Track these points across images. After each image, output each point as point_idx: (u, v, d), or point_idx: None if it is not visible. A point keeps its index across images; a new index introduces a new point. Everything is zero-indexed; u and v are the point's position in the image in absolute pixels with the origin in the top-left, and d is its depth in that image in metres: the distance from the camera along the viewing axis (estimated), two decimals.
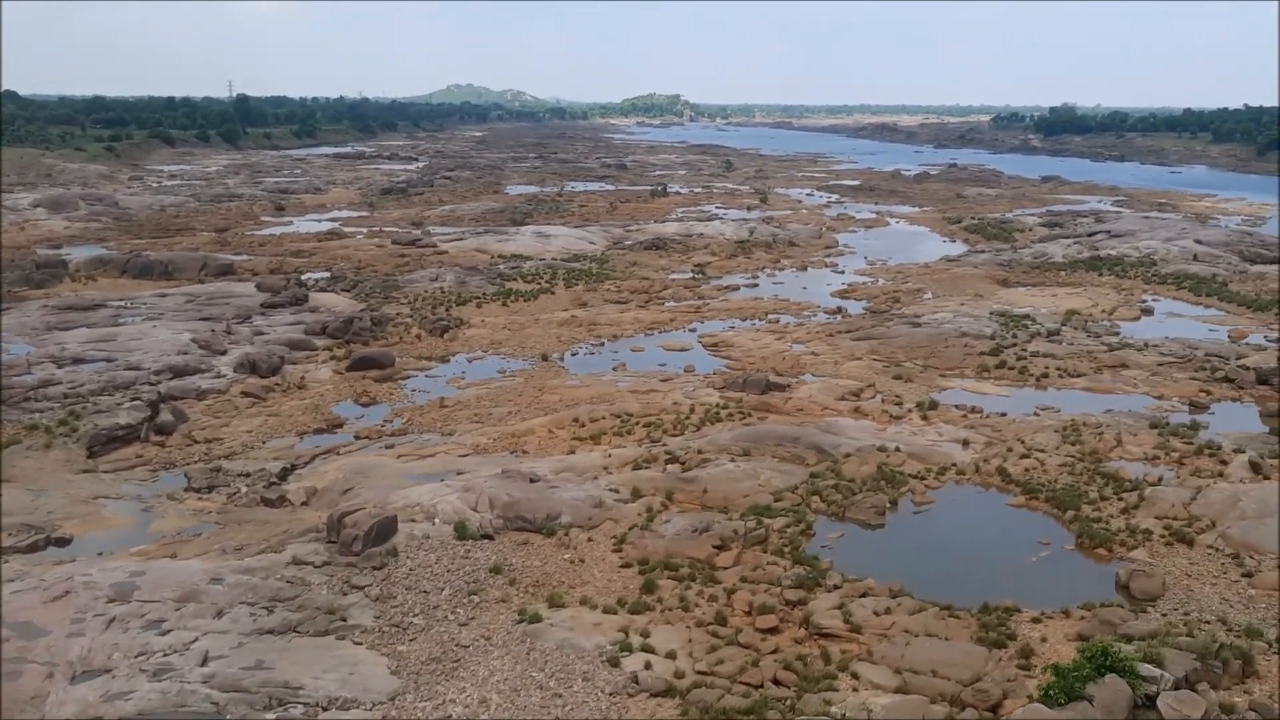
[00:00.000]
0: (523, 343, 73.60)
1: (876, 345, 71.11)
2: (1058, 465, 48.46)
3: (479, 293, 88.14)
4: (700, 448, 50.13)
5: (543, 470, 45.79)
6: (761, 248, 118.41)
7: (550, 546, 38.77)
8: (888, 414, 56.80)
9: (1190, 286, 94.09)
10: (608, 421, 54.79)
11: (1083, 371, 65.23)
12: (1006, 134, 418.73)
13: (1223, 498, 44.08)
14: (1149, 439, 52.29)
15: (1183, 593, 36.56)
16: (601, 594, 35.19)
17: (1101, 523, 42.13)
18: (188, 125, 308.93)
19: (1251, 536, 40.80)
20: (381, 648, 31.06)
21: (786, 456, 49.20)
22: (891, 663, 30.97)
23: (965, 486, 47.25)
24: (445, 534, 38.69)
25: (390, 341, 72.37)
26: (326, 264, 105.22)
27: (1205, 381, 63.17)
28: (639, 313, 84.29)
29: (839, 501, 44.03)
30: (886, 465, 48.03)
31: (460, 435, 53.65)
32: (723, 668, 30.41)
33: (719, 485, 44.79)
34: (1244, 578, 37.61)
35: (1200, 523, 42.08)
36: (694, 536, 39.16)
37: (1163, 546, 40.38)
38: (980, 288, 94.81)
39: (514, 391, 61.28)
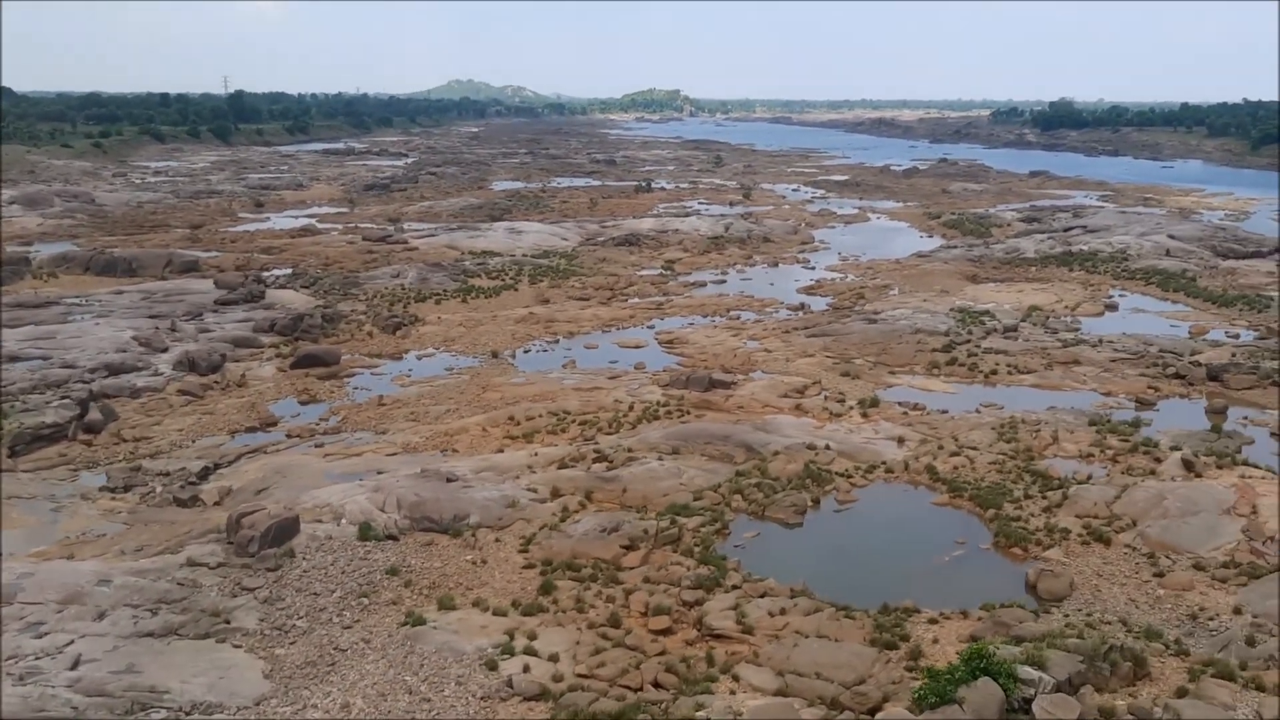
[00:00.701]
0: (476, 340, 73.10)
1: (830, 342, 70.57)
2: (988, 463, 47.96)
3: (440, 289, 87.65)
4: (630, 446, 49.66)
5: (463, 470, 45.32)
6: (735, 244, 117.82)
7: (455, 547, 38.31)
8: (828, 411, 56.29)
9: (1159, 282, 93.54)
10: (543, 420, 54.30)
11: (1033, 368, 64.66)
12: (1003, 129, 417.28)
13: (1148, 496, 43.57)
14: (1086, 437, 51.77)
15: (1090, 593, 36.07)
16: (498, 596, 34.72)
17: (1021, 522, 41.62)
18: (180, 122, 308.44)
19: (1170, 536, 40.30)
20: (260, 651, 30.61)
21: (715, 455, 48.71)
22: (776, 665, 30.48)
23: (892, 485, 46.76)
24: (349, 535, 38.24)
25: (341, 339, 71.94)
26: (294, 261, 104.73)
27: (1155, 378, 62.60)
28: (600, 310, 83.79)
29: (760, 500, 43.55)
30: (814, 464, 47.53)
31: (393, 434, 53.18)
32: (604, 670, 29.94)
33: (640, 484, 44.30)
34: (1155, 577, 37.10)
35: (1121, 521, 41.58)
36: (602, 537, 38.68)
37: (1079, 546, 39.88)
38: (948, 284, 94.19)
39: (456, 390, 60.80)
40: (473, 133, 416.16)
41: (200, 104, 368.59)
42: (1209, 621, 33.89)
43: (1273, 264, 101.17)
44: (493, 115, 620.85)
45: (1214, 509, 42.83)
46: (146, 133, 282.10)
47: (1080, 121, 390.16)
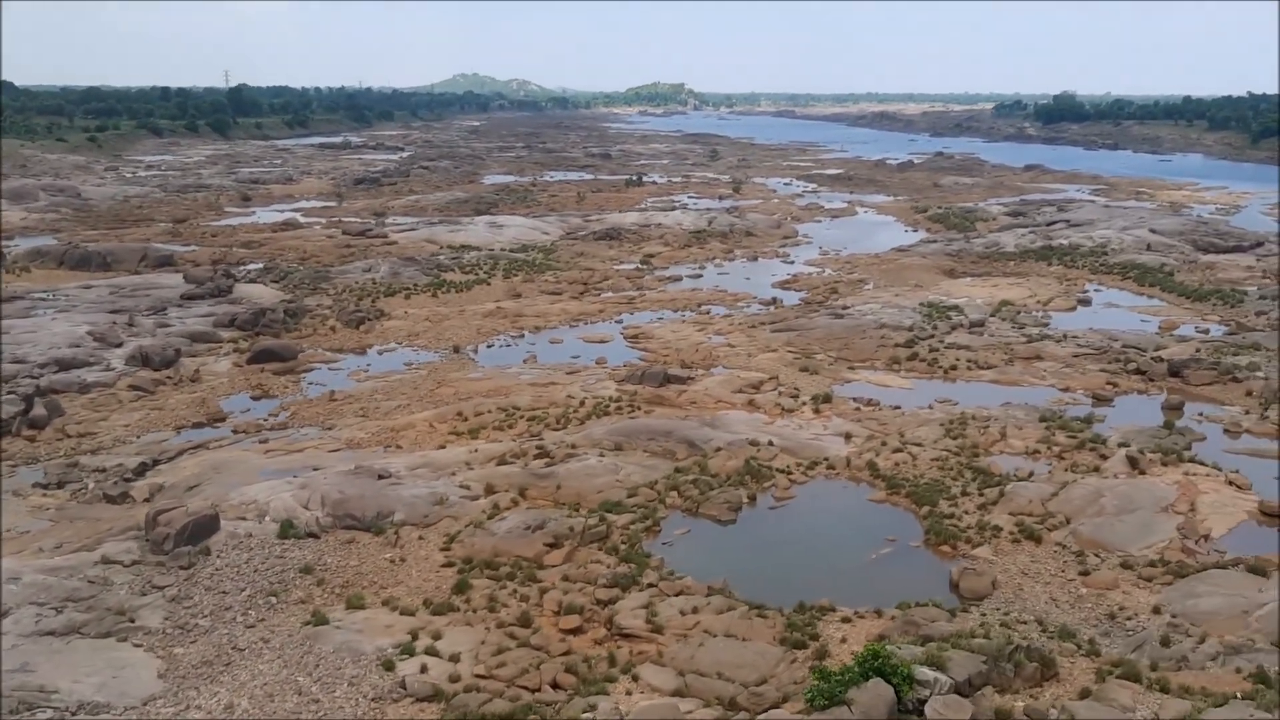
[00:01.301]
0: (441, 335, 72.84)
1: (794, 337, 70.21)
2: (930, 460, 47.61)
3: (410, 284, 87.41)
4: (574, 442, 49.40)
5: (398, 466, 45.07)
6: (717, 238, 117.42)
7: (375, 545, 38.05)
8: (779, 407, 55.97)
9: (1136, 276, 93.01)
10: (491, 415, 54.04)
11: (993, 364, 64.27)
12: (1004, 122, 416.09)
13: (1085, 493, 43.21)
14: (1035, 433, 51.39)
15: (1012, 591, 35.71)
16: (411, 595, 34.45)
17: (953, 519, 41.29)
18: (179, 116, 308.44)
19: (1102, 534, 39.94)
20: (159, 650, 30.37)
21: (657, 451, 48.41)
22: (679, 665, 30.16)
23: (833, 481, 46.48)
24: (269, 532, 38.01)
25: (304, 334, 71.72)
26: (272, 255, 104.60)
27: (1116, 374, 62.17)
28: (571, 304, 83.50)
29: (695, 497, 43.26)
30: (755, 460, 47.21)
31: (340, 430, 52.93)
32: (503, 671, 29.65)
33: (575, 481, 44.01)
34: (1080, 576, 36.76)
35: (1054, 519, 41.23)
36: (526, 534, 38.39)
37: (1009, 543, 39.53)
38: (924, 278, 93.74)
39: (411, 385, 60.55)
40: (473, 127, 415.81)
41: (200, 98, 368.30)
42: (1127, 621, 33.55)
43: (1253, 258, 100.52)
44: (495, 109, 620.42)
45: (1152, 507, 42.46)
46: (144, 127, 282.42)
47: (1082, 115, 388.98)
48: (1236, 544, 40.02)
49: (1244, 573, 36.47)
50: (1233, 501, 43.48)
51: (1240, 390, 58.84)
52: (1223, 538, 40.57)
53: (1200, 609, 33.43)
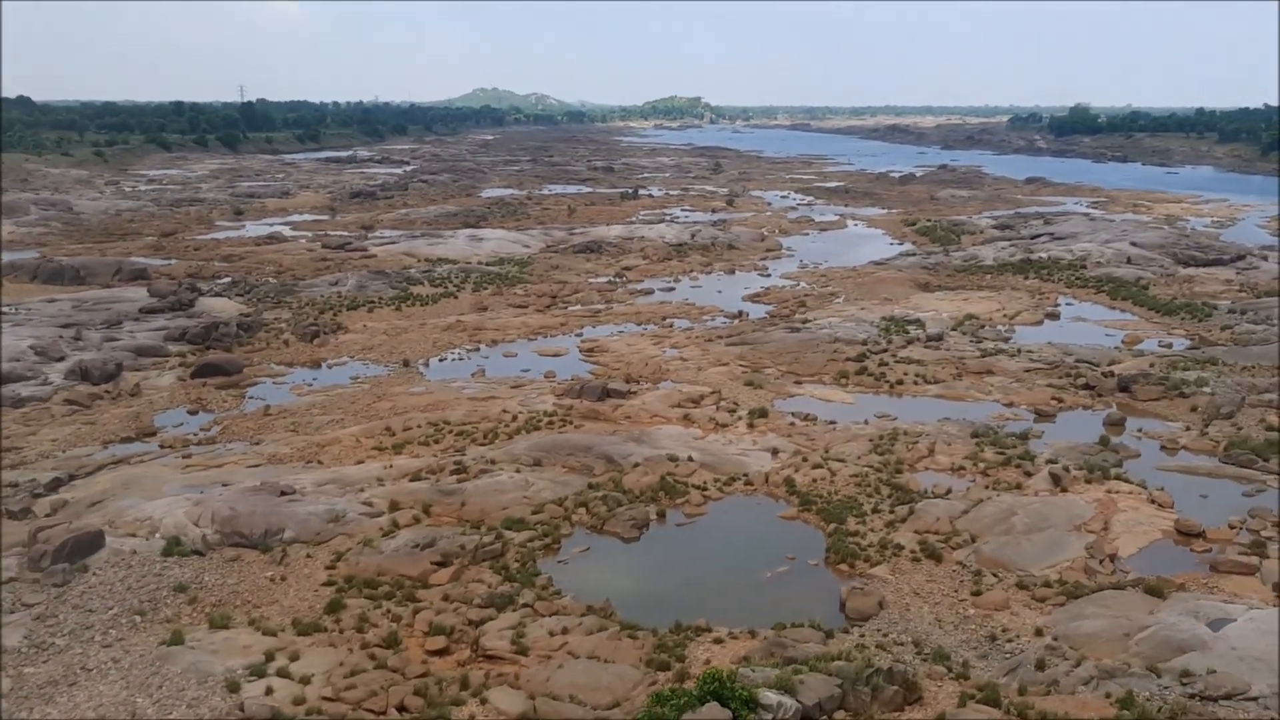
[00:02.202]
0: (396, 348, 72.56)
1: (746, 351, 69.64)
2: (850, 476, 46.95)
3: (376, 297, 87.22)
4: (494, 458, 48.98)
5: (306, 482, 44.72)
6: (698, 251, 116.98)
7: (260, 564, 37.66)
8: (715, 422, 55.40)
9: (1109, 290, 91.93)
10: (419, 431, 53.66)
11: (942, 378, 63.55)
12: (1017, 135, 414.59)
13: (997, 511, 42.49)
14: (964, 449, 50.71)
15: (899, 612, 35.04)
16: (283, 614, 34.03)
17: (857, 537, 40.66)
18: (190, 130, 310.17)
19: (1005, 553, 39.24)
20: (10, 670, 30.00)
21: (575, 467, 47.93)
22: (534, 687, 29.62)
23: (749, 498, 45.96)
24: (155, 549, 37.67)
25: (257, 347, 71.55)
26: (250, 268, 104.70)
27: (1064, 389, 61.34)
28: (534, 317, 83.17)
29: (602, 514, 42.73)
30: (672, 476, 46.68)
31: (267, 445, 52.60)
32: (351, 693, 29.15)
33: (481, 498, 43.55)
34: (972, 596, 36.06)
35: (960, 538, 40.54)
36: (413, 553, 37.92)
37: (909, 562, 38.85)
38: (896, 291, 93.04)
39: (350, 399, 60.24)
40: (485, 141, 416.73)
41: (211, 112, 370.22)
42: (1007, 643, 32.87)
43: (1232, 272, 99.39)
44: (510, 123, 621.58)
45: (1064, 525, 41.75)
46: (153, 141, 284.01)
47: (1094, 127, 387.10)
48: (1145, 563, 39.31)
49: (1140, 594, 35.70)
50: (1150, 520, 42.71)
51: (1186, 406, 57.96)
52: (1131, 557, 39.82)
53: (1083, 631, 32.68)
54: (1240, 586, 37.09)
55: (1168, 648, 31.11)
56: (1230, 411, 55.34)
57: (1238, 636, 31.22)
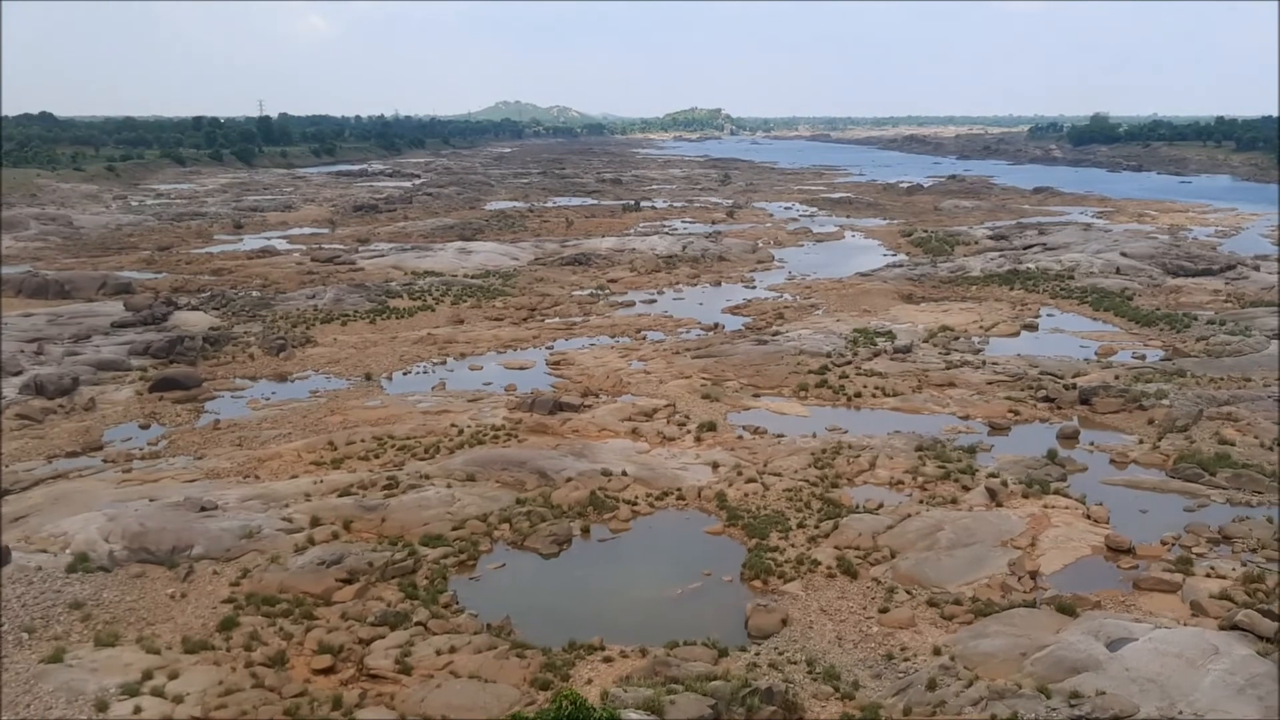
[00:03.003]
0: (362, 362, 72.37)
1: (711, 363, 69.12)
2: (783, 490, 46.43)
3: (352, 310, 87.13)
4: (430, 472, 48.69)
5: (232, 498, 44.47)
6: (688, 263, 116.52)
7: (165, 580, 37.44)
8: (662, 435, 54.89)
9: (1092, 301, 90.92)
10: (362, 445, 53.38)
11: (901, 391, 62.86)
12: (1034, 144, 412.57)
13: (924, 526, 41.85)
14: (905, 463, 50.01)
15: (801, 630, 34.50)
16: (176, 631, 33.74)
17: (777, 552, 40.09)
18: (207, 144, 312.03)
19: (923, 569, 38.58)
20: None
21: (508, 481, 47.55)
22: (409, 707, 29.24)
23: (680, 512, 45.55)
24: (62, 565, 37.40)
25: (223, 361, 71.49)
26: (237, 282, 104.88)
27: (1023, 401, 60.54)
28: (509, 330, 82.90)
29: (524, 530, 42.30)
30: (604, 491, 46.21)
31: (209, 459, 52.43)
32: (222, 713, 28.88)
33: (403, 513, 43.22)
34: (879, 613, 35.38)
35: (880, 553, 39.95)
36: (319, 570, 37.58)
37: (824, 578, 38.29)
38: (877, 303, 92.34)
39: (302, 413, 60.06)
40: (501, 153, 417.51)
41: (229, 127, 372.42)
42: (904, 662, 32.22)
43: (1221, 282, 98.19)
44: (530, 136, 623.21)
45: (991, 541, 41.08)
46: (168, 156, 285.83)
47: (1112, 136, 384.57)
48: (1068, 580, 38.63)
49: (1052, 612, 35.04)
50: (1081, 536, 41.99)
51: (1144, 419, 57.11)
52: (1054, 574, 39.12)
53: (980, 650, 32.03)
54: (1159, 604, 36.36)
55: (1061, 668, 30.42)
56: (1185, 425, 54.46)
57: (1134, 657, 30.51)
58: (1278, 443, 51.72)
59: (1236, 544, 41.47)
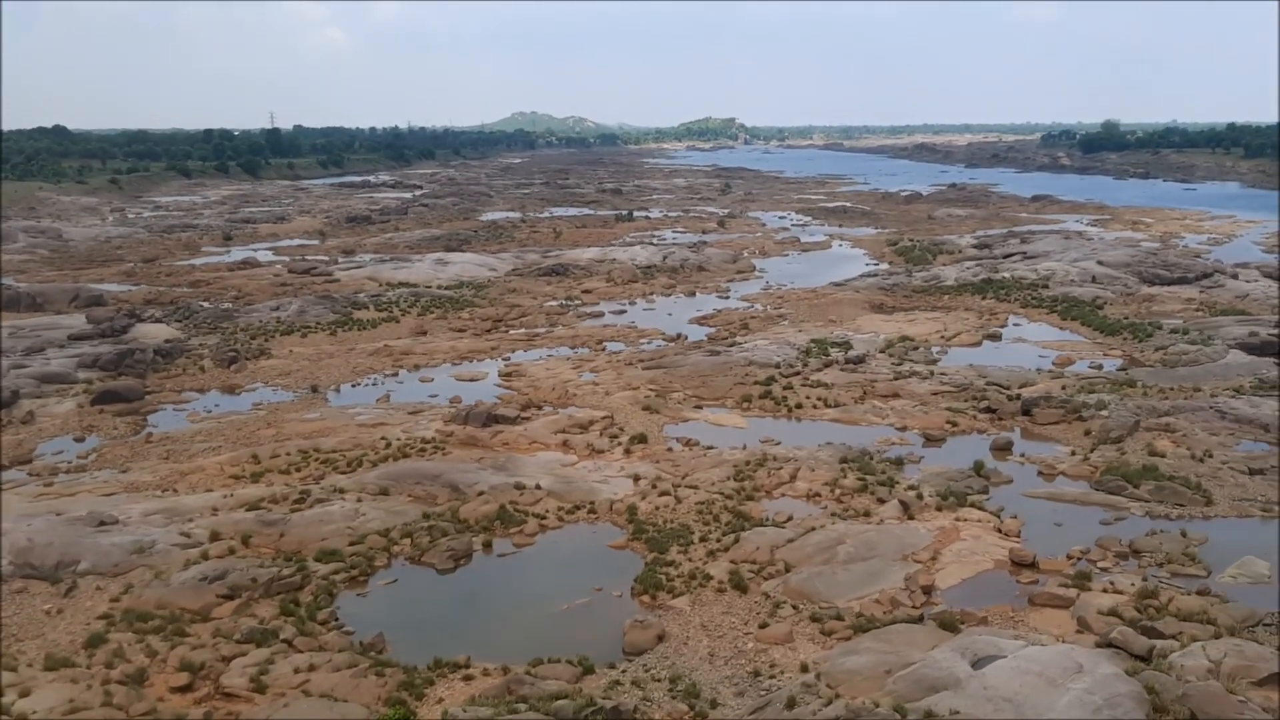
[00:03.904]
0: (314, 374, 72.22)
1: (660, 374, 68.71)
2: (696, 503, 45.92)
3: (314, 322, 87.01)
4: (344, 486, 48.45)
5: (135, 512, 44.25)
6: (666, 273, 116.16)
7: (45, 595, 37.20)
8: (591, 448, 54.49)
9: (1061, 310, 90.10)
10: (287, 459, 53.09)
11: (843, 402, 62.23)
12: (1042, 152, 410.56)
13: (825, 540, 41.32)
14: (826, 475, 49.47)
15: (675, 646, 34.03)
16: (44, 648, 33.42)
17: (672, 566, 39.62)
18: (215, 157, 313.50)
19: (814, 584, 38.05)
20: None
21: (420, 496, 47.23)
22: None
23: (589, 526, 45.18)
24: None
25: (173, 374, 71.42)
26: (212, 294, 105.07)
27: (963, 412, 59.93)
28: (470, 341, 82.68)
29: (424, 545, 41.89)
30: (515, 505, 45.80)
31: (134, 472, 52.30)
32: None
33: (303, 528, 42.92)
34: (759, 629, 34.83)
35: (775, 568, 39.47)
36: (200, 585, 37.27)
37: (714, 593, 37.77)
38: (845, 313, 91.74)
39: (238, 426, 59.89)
40: (509, 164, 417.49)
41: (238, 139, 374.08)
42: (770, 679, 31.70)
43: (1196, 290, 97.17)
44: (542, 146, 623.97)
45: (893, 554, 40.50)
46: (174, 169, 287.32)
47: (1122, 144, 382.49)
48: (963, 595, 38.06)
49: (933, 628, 34.44)
50: (986, 550, 41.38)
51: (1082, 429, 56.36)
52: (951, 588, 38.54)
53: (847, 667, 31.46)
54: (1048, 620, 35.76)
55: (921, 687, 29.82)
56: (1120, 436, 53.73)
57: (995, 676, 29.87)
58: (1208, 454, 50.85)
59: (1144, 558, 40.72)
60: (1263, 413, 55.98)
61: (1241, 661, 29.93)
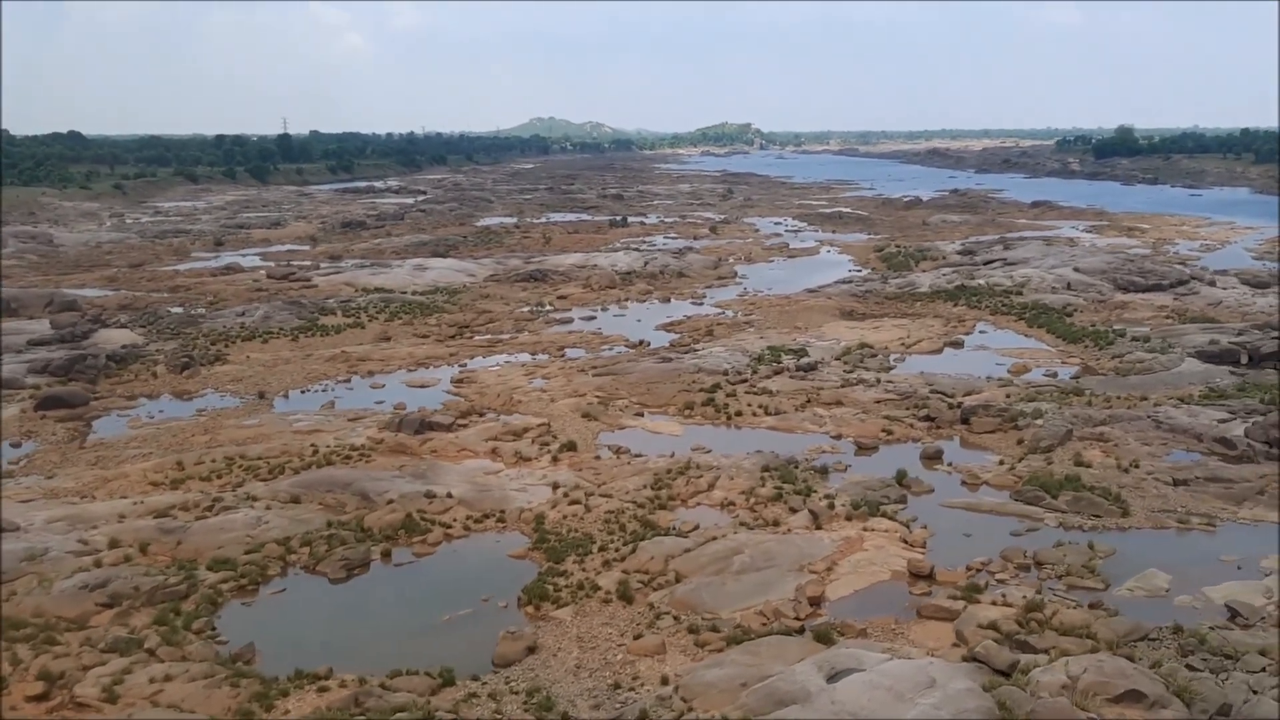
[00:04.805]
0: (267, 380, 72.21)
1: (608, 381, 68.42)
2: (606, 511, 45.65)
3: (278, 328, 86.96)
4: (257, 493, 48.28)
5: (40, 518, 44.20)
6: (645, 279, 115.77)
7: None
8: (519, 455, 54.24)
9: (1028, 317, 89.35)
10: (211, 465, 52.94)
11: (784, 410, 61.79)
12: (1054, 158, 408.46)
13: (722, 550, 40.98)
14: (744, 483, 49.10)
15: (545, 657, 33.75)
16: None
17: (563, 576, 39.28)
18: (225, 162, 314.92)
19: (701, 594, 37.70)
20: None
21: (330, 504, 47.05)
22: None
23: (498, 534, 45.00)
24: None
25: (125, 379, 71.48)
26: (188, 299, 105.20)
27: (901, 420, 59.35)
28: (430, 347, 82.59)
29: (321, 554, 41.67)
30: (423, 513, 45.55)
31: (58, 479, 52.29)
32: None
33: (202, 536, 42.78)
34: (633, 640, 34.47)
35: (666, 577, 39.06)
36: (79, 594, 37.16)
37: (600, 604, 37.50)
38: (813, 319, 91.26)
39: (173, 433, 59.90)
40: (520, 170, 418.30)
41: (249, 145, 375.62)
42: (629, 692, 31.34)
43: (1170, 298, 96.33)
44: (556, 152, 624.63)
45: (789, 565, 40.11)
46: (181, 174, 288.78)
47: (1135, 149, 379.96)
48: (852, 606, 37.72)
49: (808, 640, 34.10)
50: (886, 560, 40.94)
51: (1016, 438, 55.78)
52: (842, 599, 38.17)
53: (705, 680, 31.11)
54: (929, 633, 35.31)
55: (771, 701, 29.44)
56: (1050, 445, 53.13)
57: (846, 690, 29.46)
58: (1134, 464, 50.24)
59: (1046, 570, 40.16)
60: (1199, 422, 55.25)
61: (1099, 678, 29.40)
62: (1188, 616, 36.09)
